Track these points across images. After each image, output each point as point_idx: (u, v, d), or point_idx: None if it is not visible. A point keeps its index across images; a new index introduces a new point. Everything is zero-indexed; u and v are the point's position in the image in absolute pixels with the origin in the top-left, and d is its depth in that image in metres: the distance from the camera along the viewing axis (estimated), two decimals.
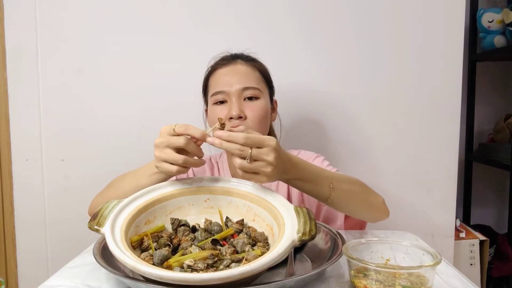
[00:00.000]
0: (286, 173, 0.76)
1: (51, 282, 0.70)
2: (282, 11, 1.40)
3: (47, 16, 1.42)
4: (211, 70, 1.07)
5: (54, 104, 1.44)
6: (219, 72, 1.03)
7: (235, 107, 0.96)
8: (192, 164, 0.75)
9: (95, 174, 1.45)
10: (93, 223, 0.70)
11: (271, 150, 0.71)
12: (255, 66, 1.05)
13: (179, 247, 0.72)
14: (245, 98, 0.99)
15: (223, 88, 0.99)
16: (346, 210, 0.92)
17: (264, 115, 1.00)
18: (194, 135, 0.73)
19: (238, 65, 1.03)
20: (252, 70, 1.03)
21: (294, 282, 0.62)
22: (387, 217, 0.95)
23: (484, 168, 1.92)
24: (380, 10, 1.40)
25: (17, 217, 1.49)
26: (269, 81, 1.08)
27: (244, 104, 0.99)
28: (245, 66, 1.03)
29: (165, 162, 0.74)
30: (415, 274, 0.61)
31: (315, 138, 1.43)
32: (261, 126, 1.00)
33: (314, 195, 0.84)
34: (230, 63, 1.04)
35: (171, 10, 1.41)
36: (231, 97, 0.98)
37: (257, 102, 1.00)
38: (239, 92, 0.98)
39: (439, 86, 1.42)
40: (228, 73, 1.02)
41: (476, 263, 1.61)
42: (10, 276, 1.51)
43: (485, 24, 1.77)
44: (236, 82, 0.99)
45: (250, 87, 0.99)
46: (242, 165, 0.71)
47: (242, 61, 1.04)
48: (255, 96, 1.00)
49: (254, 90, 1.00)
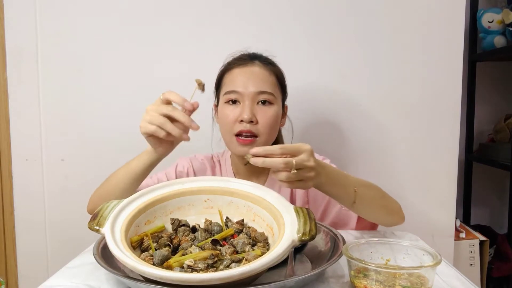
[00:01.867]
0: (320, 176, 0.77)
1: (51, 282, 0.70)
2: (285, 11, 1.40)
3: (47, 16, 1.42)
4: (227, 67, 1.05)
5: (54, 104, 1.44)
6: (235, 71, 1.01)
7: (248, 110, 0.96)
8: (171, 129, 0.78)
9: (95, 174, 1.44)
10: (93, 223, 0.70)
11: (309, 155, 0.73)
12: (272, 70, 1.03)
13: (179, 247, 0.72)
14: (259, 102, 0.98)
15: (237, 89, 0.98)
16: (367, 214, 0.92)
17: (275, 122, 1.00)
18: (174, 100, 0.78)
19: (256, 67, 1.01)
20: (269, 74, 1.01)
21: (294, 282, 0.62)
22: (402, 222, 0.96)
23: (484, 168, 1.92)
24: (379, 10, 1.40)
25: (17, 217, 1.49)
26: (284, 86, 1.07)
27: (256, 108, 0.98)
28: (263, 69, 1.01)
29: (146, 122, 0.79)
30: (415, 275, 0.61)
31: (315, 138, 1.43)
32: (271, 132, 1.00)
33: (340, 199, 0.85)
34: (248, 64, 1.02)
35: (171, 9, 1.41)
36: (244, 99, 0.97)
37: (270, 108, 0.99)
38: (254, 95, 0.97)
39: (439, 86, 1.42)
40: (245, 74, 1.00)
41: (476, 263, 1.61)
42: (10, 276, 1.51)
43: (485, 24, 1.77)
44: (251, 85, 0.98)
45: (265, 91, 0.98)
46: (288, 176, 0.72)
47: (260, 63, 1.02)
48: (268, 101, 0.99)
49: (269, 95, 0.99)
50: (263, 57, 1.06)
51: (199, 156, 1.14)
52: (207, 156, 1.15)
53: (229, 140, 1.00)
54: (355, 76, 1.42)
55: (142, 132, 0.80)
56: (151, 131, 0.78)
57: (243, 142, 0.97)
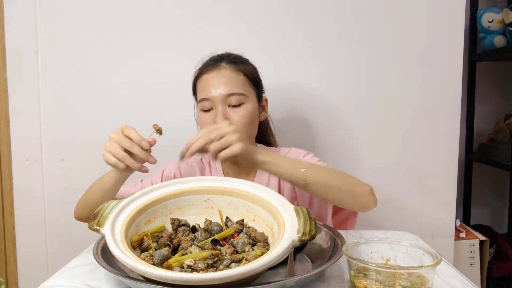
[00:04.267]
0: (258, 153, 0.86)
1: (51, 282, 0.70)
2: (281, 10, 1.40)
3: (47, 16, 1.42)
4: (198, 73, 1.06)
5: (54, 104, 1.44)
6: (204, 78, 1.03)
7: (220, 115, 0.98)
8: (130, 163, 0.82)
9: (95, 174, 1.44)
10: (93, 223, 0.70)
11: (227, 124, 0.84)
12: (240, 69, 1.03)
13: (179, 247, 0.72)
14: (229, 104, 1.00)
15: (207, 95, 1.00)
16: (327, 197, 0.93)
17: (250, 120, 1.01)
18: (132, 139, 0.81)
19: (222, 70, 1.02)
20: (236, 74, 1.02)
21: (294, 282, 0.62)
22: (374, 206, 0.95)
23: (484, 168, 1.92)
24: (379, 10, 1.40)
25: (17, 217, 1.49)
26: (256, 81, 1.07)
27: (228, 110, 0.99)
28: (229, 70, 1.02)
29: (108, 153, 0.83)
30: (415, 274, 0.61)
31: (313, 138, 1.43)
32: (248, 130, 1.01)
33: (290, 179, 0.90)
34: (215, 68, 1.03)
35: (171, 9, 1.41)
36: (216, 104, 0.99)
37: (242, 108, 1.00)
38: (223, 99, 0.99)
39: (439, 86, 1.42)
40: (212, 79, 1.01)
41: (476, 263, 1.61)
42: (10, 276, 1.51)
43: (485, 24, 1.77)
44: (220, 89, 0.99)
45: (234, 93, 0.99)
46: (214, 145, 0.81)
47: (226, 64, 1.03)
48: (239, 102, 1.00)
49: (238, 96, 1.00)
50: (230, 56, 1.06)
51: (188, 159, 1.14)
52: (196, 158, 1.14)
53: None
54: (355, 76, 1.42)
55: (104, 160, 0.84)
56: (111, 163, 0.83)
57: None
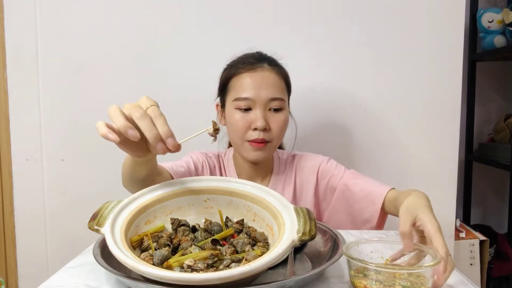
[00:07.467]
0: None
1: (51, 282, 0.70)
2: (285, 10, 1.40)
3: (47, 16, 1.42)
4: (235, 71, 1.02)
5: (54, 104, 1.44)
6: (245, 76, 0.99)
7: (261, 119, 0.96)
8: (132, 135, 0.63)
9: (95, 174, 1.45)
10: (93, 223, 0.70)
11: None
12: (281, 73, 1.02)
13: (179, 247, 0.72)
14: (270, 108, 0.98)
15: (249, 95, 0.97)
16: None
17: (286, 126, 1.03)
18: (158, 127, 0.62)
19: (266, 72, 1.00)
20: (279, 78, 1.01)
21: (294, 282, 0.62)
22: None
23: (484, 168, 1.92)
24: (380, 11, 1.40)
25: (17, 217, 1.49)
26: (290, 87, 1.07)
27: (268, 114, 0.98)
28: (273, 73, 1.00)
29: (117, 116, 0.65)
30: (415, 274, 0.61)
31: (319, 138, 1.43)
32: (283, 136, 1.03)
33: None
34: (257, 68, 1.00)
35: (171, 9, 1.41)
36: (256, 107, 0.97)
37: (281, 114, 1.00)
38: (266, 103, 0.97)
39: (439, 86, 1.42)
40: (255, 80, 0.98)
41: (476, 263, 1.61)
42: (10, 276, 1.51)
43: (485, 24, 1.77)
44: (263, 91, 0.97)
45: (277, 98, 0.98)
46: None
47: (269, 66, 1.01)
48: (280, 107, 0.99)
49: (280, 102, 0.99)
50: (270, 58, 1.04)
51: (210, 153, 1.14)
52: (214, 154, 1.15)
53: (240, 144, 1.01)
54: (354, 76, 1.42)
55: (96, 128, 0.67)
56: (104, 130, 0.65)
57: (256, 146, 0.98)
